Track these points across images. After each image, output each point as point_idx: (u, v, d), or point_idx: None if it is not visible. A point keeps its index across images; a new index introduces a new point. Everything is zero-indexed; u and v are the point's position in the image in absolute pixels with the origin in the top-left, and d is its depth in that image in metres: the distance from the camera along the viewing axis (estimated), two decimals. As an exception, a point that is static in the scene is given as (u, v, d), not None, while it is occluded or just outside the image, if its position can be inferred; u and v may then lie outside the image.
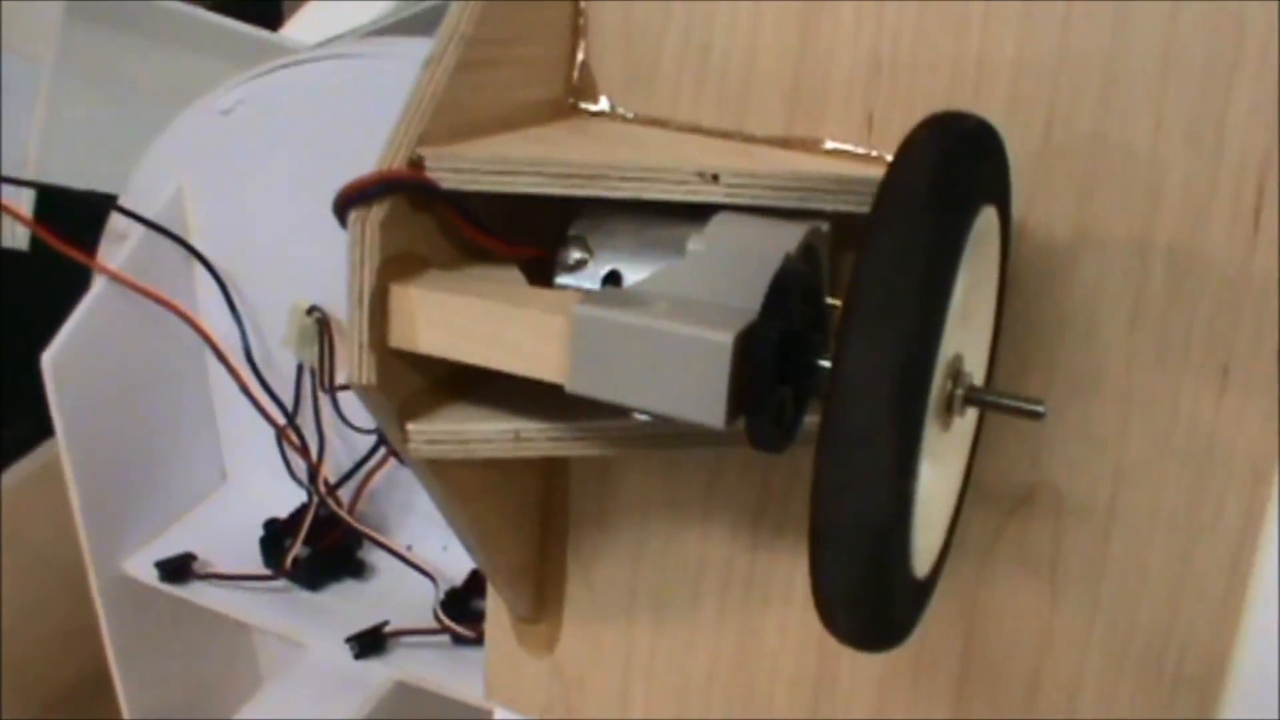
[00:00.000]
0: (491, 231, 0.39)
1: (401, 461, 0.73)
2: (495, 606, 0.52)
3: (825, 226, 0.38)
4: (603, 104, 0.44)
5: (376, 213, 0.36)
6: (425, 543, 0.79)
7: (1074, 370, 0.40)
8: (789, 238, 0.36)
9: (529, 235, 0.41)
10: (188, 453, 0.84)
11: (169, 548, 0.78)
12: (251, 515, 0.81)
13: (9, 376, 0.81)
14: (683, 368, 0.33)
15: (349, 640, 0.72)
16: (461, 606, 0.72)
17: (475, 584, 0.73)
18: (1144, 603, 0.40)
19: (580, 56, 0.44)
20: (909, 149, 0.30)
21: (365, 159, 0.69)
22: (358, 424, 0.75)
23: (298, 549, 0.76)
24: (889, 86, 0.40)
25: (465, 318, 0.36)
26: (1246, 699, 0.40)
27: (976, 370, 0.36)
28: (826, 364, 0.34)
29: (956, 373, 0.33)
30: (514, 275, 0.39)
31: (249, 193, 0.75)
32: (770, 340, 0.32)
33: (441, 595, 0.72)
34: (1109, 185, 0.38)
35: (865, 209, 0.38)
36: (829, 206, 0.38)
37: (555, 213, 0.42)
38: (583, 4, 0.43)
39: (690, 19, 0.42)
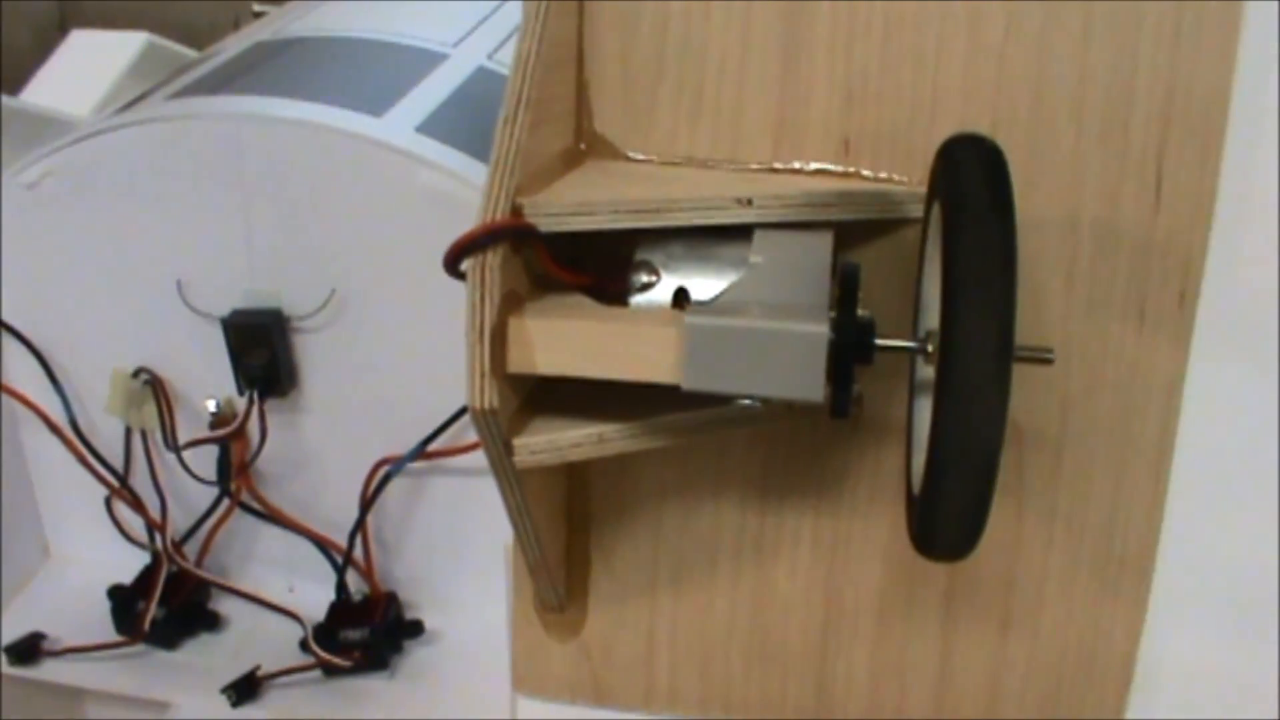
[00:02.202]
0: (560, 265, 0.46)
1: (248, 510, 0.75)
2: (520, 603, 0.58)
3: (832, 233, 0.47)
4: (609, 149, 0.51)
5: (493, 258, 0.41)
6: (270, 587, 0.81)
7: (1024, 325, 0.49)
8: (823, 245, 0.44)
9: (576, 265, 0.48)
10: (10, 532, 0.83)
11: (9, 631, 0.76)
12: (86, 586, 0.80)
13: None
14: (786, 357, 0.40)
15: (225, 690, 0.72)
16: (330, 639, 0.74)
17: (338, 616, 0.76)
18: (1091, 503, 0.51)
19: (587, 110, 0.51)
20: (958, 167, 0.39)
21: (184, 217, 0.70)
22: (204, 478, 0.75)
23: (154, 610, 0.76)
24: (860, 115, 0.49)
25: (583, 340, 0.42)
26: (1170, 560, 0.52)
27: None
28: (884, 342, 0.42)
29: None
30: (583, 299, 0.46)
31: (60, 263, 0.75)
32: (851, 327, 0.41)
33: (311, 631, 0.74)
34: (1043, 179, 0.48)
35: (864, 216, 0.47)
36: (835, 217, 0.46)
37: (585, 244, 0.49)
38: (585, 60, 0.50)
39: (683, 70, 0.50)
